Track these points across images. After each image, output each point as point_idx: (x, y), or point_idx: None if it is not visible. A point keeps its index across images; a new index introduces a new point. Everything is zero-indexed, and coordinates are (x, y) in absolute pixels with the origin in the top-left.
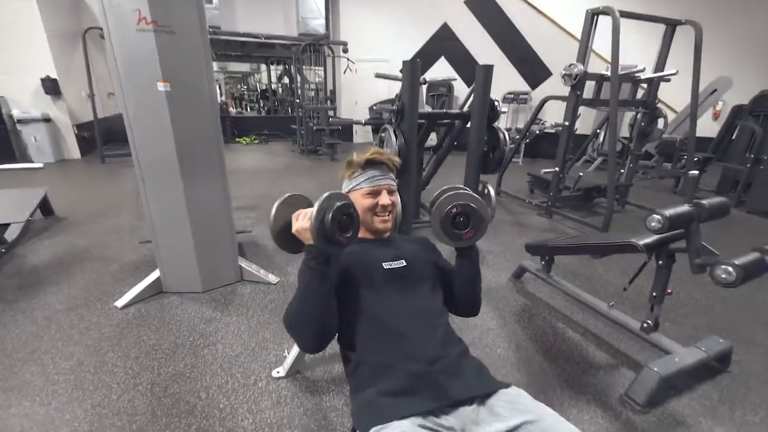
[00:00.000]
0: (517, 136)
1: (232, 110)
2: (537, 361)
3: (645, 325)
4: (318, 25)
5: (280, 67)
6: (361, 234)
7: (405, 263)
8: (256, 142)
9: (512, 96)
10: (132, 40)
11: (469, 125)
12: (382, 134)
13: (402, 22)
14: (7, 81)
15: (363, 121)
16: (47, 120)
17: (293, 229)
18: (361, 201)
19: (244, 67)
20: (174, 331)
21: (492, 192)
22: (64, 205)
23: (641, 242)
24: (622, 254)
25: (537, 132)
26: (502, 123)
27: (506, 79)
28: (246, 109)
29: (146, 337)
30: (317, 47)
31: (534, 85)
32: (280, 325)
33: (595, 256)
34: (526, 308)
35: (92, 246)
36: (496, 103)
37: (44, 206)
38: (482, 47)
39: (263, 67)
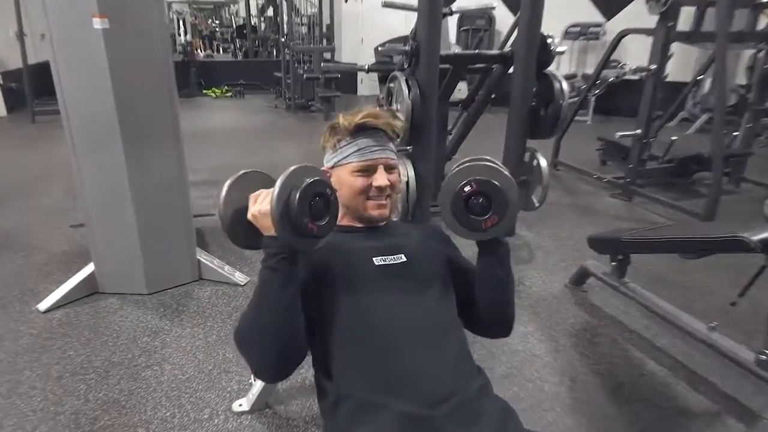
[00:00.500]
0: (583, 86)
1: (200, 53)
2: (599, 404)
3: (762, 356)
4: None
5: None
6: (347, 222)
7: (405, 258)
8: (229, 94)
9: (578, 30)
10: None
11: (512, 71)
12: (391, 85)
13: None
14: None
15: (366, 67)
16: None
17: (249, 215)
18: (348, 180)
19: None
20: (109, 344)
21: (543, 164)
22: None
23: (756, 237)
24: (728, 254)
25: (612, 79)
26: (563, 67)
27: (570, 7)
28: (218, 52)
29: (74, 351)
30: None
31: (609, 15)
32: None
33: (688, 256)
34: (588, 327)
35: (14, 230)
36: (549, 40)
37: None
38: None
39: None
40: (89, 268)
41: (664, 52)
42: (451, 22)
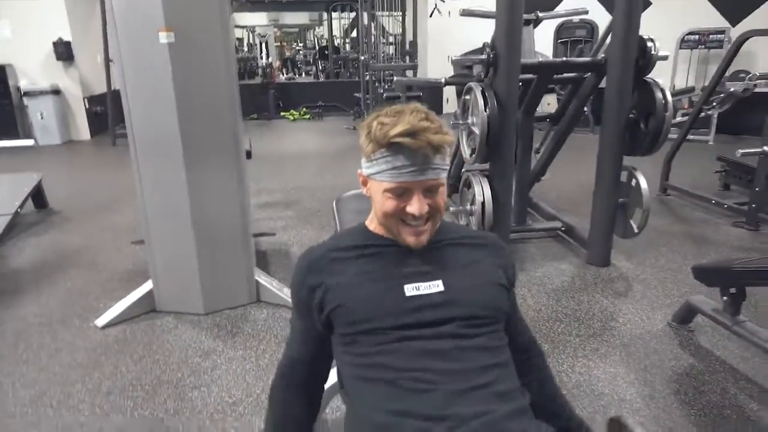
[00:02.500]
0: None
1: (281, 76)
2: None
3: None
4: None
5: (348, 16)
6: (382, 231)
7: (442, 286)
8: (307, 117)
9: (697, 38)
10: None
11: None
12: (466, 97)
13: None
14: (17, 45)
15: (443, 81)
16: (56, 92)
17: None
18: (380, 199)
19: (301, 18)
20: (160, 362)
21: (643, 183)
22: (61, 195)
23: None
24: None
25: (732, 90)
26: (679, 79)
27: (687, 12)
28: (299, 74)
29: (125, 368)
30: None
31: (735, 20)
32: None
33: None
34: (692, 373)
35: (84, 248)
36: (649, 44)
37: (37, 196)
38: None
39: (326, 16)
40: (147, 286)
41: None
42: (544, 34)
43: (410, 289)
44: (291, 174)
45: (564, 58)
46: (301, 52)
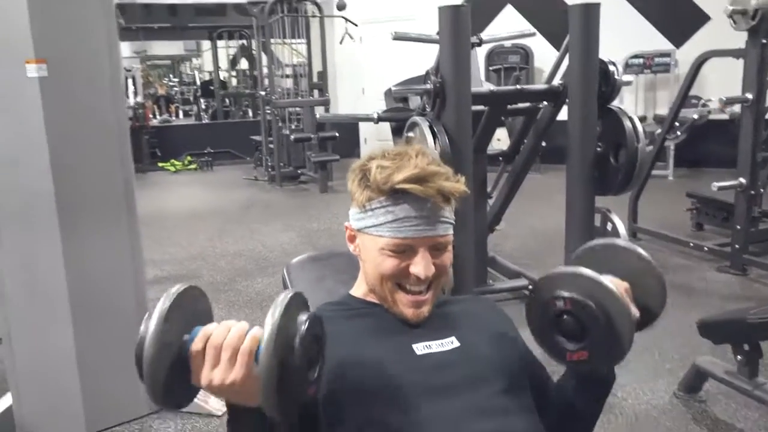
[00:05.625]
0: (658, 130)
1: (155, 119)
2: None
3: None
4: None
5: (235, 44)
6: (372, 296)
7: (457, 342)
8: (193, 167)
9: (641, 62)
10: None
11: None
12: (409, 134)
13: None
14: None
15: (376, 116)
16: None
17: (201, 381)
18: (375, 257)
19: (174, 48)
20: None
21: (620, 227)
22: None
23: None
24: None
25: (695, 117)
26: (626, 108)
27: (629, 34)
28: (176, 115)
29: None
30: (294, 4)
31: (679, 41)
32: None
33: None
34: None
35: None
36: (611, 68)
37: None
38: None
39: (206, 45)
40: (5, 402)
41: (761, 77)
42: (479, 61)
43: (420, 348)
44: (182, 240)
45: (517, 86)
46: (176, 89)
